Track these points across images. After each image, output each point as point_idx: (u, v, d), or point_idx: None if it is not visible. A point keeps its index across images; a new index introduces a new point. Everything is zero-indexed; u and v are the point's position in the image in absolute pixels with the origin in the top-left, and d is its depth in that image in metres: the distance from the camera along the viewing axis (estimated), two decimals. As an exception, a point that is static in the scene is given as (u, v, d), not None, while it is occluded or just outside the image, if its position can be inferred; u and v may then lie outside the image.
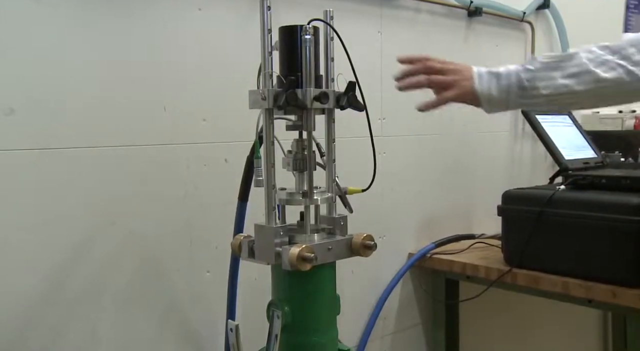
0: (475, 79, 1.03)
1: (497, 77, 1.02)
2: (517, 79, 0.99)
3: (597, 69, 0.94)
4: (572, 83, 0.95)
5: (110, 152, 1.25)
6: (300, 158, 1.04)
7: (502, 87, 1.00)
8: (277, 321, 0.98)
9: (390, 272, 1.84)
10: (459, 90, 1.06)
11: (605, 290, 1.46)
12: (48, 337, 1.18)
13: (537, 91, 0.97)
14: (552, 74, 0.96)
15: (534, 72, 0.98)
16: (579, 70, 0.95)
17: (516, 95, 0.99)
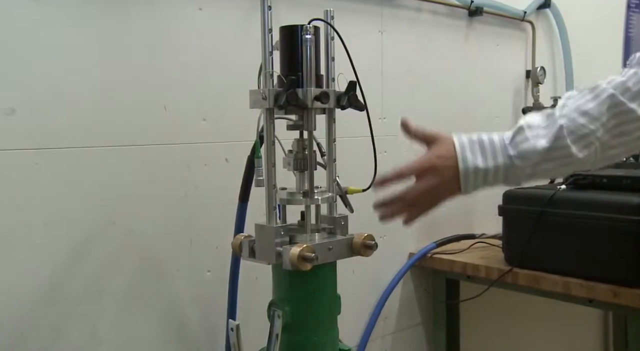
0: (462, 182, 0.93)
1: (484, 176, 0.92)
2: (504, 176, 0.92)
3: (575, 146, 0.89)
4: (552, 167, 0.91)
5: (111, 151, 1.25)
6: (301, 158, 1.04)
7: (487, 184, 0.94)
8: (277, 320, 0.98)
9: (390, 272, 1.83)
10: (441, 200, 0.97)
11: (606, 289, 1.46)
12: (48, 337, 1.18)
13: (519, 182, 0.94)
14: (536, 161, 0.91)
15: (521, 169, 0.91)
16: (560, 154, 0.90)
17: (500, 184, 0.95)
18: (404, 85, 1.84)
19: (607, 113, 0.88)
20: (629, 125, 0.88)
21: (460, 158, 0.92)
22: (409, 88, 1.86)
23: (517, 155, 0.91)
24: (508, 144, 0.92)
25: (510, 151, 0.91)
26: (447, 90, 1.97)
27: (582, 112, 0.89)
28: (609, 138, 0.89)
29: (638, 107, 0.87)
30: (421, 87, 1.89)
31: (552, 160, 0.90)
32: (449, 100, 1.98)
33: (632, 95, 0.87)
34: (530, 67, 2.25)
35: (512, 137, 0.92)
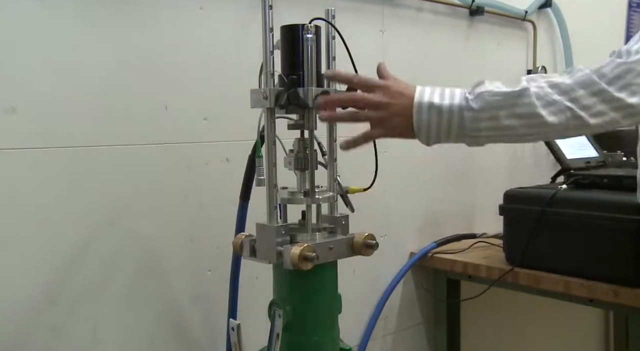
0: (414, 113, 0.90)
1: (438, 112, 0.89)
2: (459, 117, 0.89)
3: (544, 110, 0.86)
4: (516, 124, 0.87)
5: (111, 151, 1.25)
6: (302, 158, 1.04)
7: (443, 124, 0.90)
8: (278, 320, 0.98)
9: (391, 271, 1.83)
10: (392, 126, 0.94)
11: (606, 289, 1.46)
12: (49, 337, 1.18)
13: (478, 132, 0.89)
14: (496, 113, 0.87)
15: (477, 112, 0.87)
16: (526, 111, 0.86)
17: (456, 133, 0.90)
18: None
19: (580, 90, 0.86)
20: (609, 103, 0.86)
21: (418, 93, 0.92)
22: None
23: (474, 98, 0.88)
24: (467, 92, 0.91)
25: (467, 94, 0.90)
26: (448, 86, 1.97)
27: (553, 84, 0.87)
28: (584, 114, 0.86)
29: (615, 91, 0.85)
30: (422, 85, 1.89)
31: (517, 117, 0.87)
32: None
33: (608, 80, 0.86)
34: (532, 67, 2.25)
35: (472, 87, 0.91)
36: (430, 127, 0.90)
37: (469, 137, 0.91)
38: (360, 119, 0.96)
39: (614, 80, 0.86)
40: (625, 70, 0.86)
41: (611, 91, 0.85)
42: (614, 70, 0.86)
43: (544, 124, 0.87)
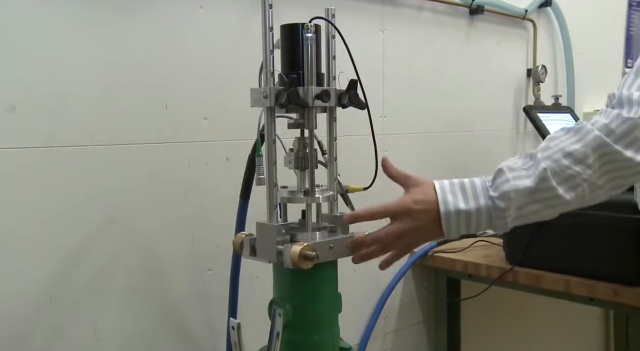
0: (444, 224, 0.90)
1: (467, 218, 0.90)
2: (487, 217, 0.90)
3: (561, 188, 0.87)
4: (540, 208, 0.89)
5: (112, 150, 1.25)
6: (302, 157, 1.04)
7: (472, 226, 0.91)
8: (278, 319, 0.98)
9: (391, 271, 1.83)
10: (420, 242, 0.96)
11: (607, 288, 1.46)
12: (50, 335, 1.18)
13: (505, 224, 0.91)
14: (520, 203, 0.89)
15: (504, 210, 0.89)
16: (546, 196, 0.88)
17: (484, 228, 0.92)
18: (405, 84, 1.84)
19: (592, 154, 0.87)
20: (615, 164, 0.87)
21: (442, 201, 0.91)
22: (410, 87, 1.86)
23: (499, 196, 0.89)
24: (489, 186, 0.91)
25: (492, 192, 0.90)
26: (448, 89, 1.97)
27: (567, 154, 0.88)
28: (596, 179, 0.88)
29: (623, 149, 0.86)
30: (422, 85, 1.89)
31: (538, 202, 0.89)
32: (450, 99, 1.98)
33: (616, 137, 0.86)
34: (532, 66, 2.25)
35: (493, 179, 0.91)
36: (459, 230, 0.92)
37: (497, 227, 0.92)
38: (391, 249, 0.98)
39: (622, 137, 0.86)
40: (632, 126, 0.86)
41: (621, 150, 0.86)
42: (621, 127, 0.86)
43: (564, 203, 0.89)
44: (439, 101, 1.94)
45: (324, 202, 1.07)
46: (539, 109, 2.01)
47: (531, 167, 0.89)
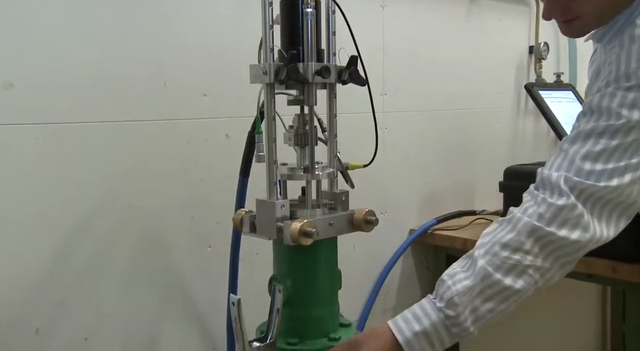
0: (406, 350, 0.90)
1: (426, 337, 0.90)
2: (446, 330, 0.89)
3: (508, 279, 0.88)
4: (494, 305, 0.89)
5: (110, 127, 1.24)
6: (302, 133, 1.04)
7: (436, 344, 0.90)
8: (278, 295, 0.98)
9: (391, 248, 1.84)
10: None
11: (605, 265, 1.46)
12: (52, 311, 1.19)
13: (467, 330, 0.90)
14: (473, 305, 0.89)
15: (456, 317, 0.89)
16: (495, 290, 0.88)
17: (450, 341, 0.92)
18: (405, 61, 1.83)
19: (527, 241, 0.88)
20: (554, 245, 0.89)
21: (396, 330, 0.91)
22: (410, 65, 1.85)
23: (446, 305, 0.89)
24: (434, 299, 0.92)
25: (438, 304, 0.90)
26: (449, 66, 1.96)
27: (503, 245, 0.89)
28: (541, 263, 0.89)
29: (556, 230, 0.87)
30: (423, 62, 1.88)
31: (490, 299, 0.89)
32: (451, 76, 1.97)
33: (547, 221, 0.88)
34: (534, 43, 2.23)
35: (435, 292, 0.92)
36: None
37: (463, 337, 0.92)
38: None
39: (552, 220, 0.88)
40: (558, 210, 0.87)
41: (554, 231, 0.88)
42: (549, 211, 0.88)
43: (516, 293, 0.89)
44: (439, 78, 1.93)
45: (324, 179, 1.07)
46: (540, 87, 2.00)
47: (470, 267, 0.91)
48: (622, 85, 0.87)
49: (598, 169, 0.87)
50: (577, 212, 0.87)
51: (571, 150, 0.90)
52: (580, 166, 0.88)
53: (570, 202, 0.87)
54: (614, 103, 0.87)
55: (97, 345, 1.25)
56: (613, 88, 0.88)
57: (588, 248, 0.91)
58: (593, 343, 2.75)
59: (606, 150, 0.87)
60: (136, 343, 1.31)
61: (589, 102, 0.92)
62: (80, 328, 1.23)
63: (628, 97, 0.86)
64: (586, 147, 0.89)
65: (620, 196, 0.88)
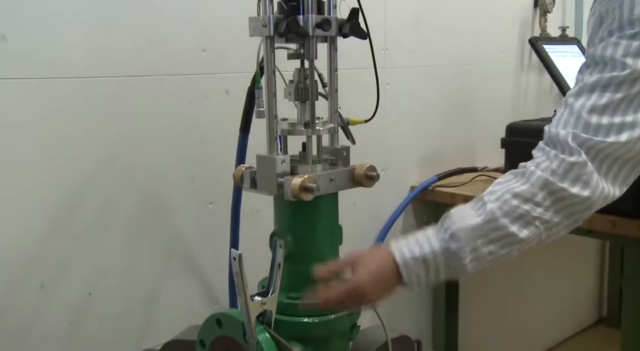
0: (403, 273, 0.91)
1: (425, 265, 0.90)
2: (444, 260, 0.90)
3: (514, 226, 0.88)
4: (496, 248, 0.89)
5: (107, 82, 1.23)
6: (302, 88, 1.03)
7: (431, 272, 0.91)
8: (279, 250, 0.99)
9: (392, 205, 1.85)
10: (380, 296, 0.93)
11: (605, 220, 1.47)
12: (56, 270, 1.20)
13: (464, 267, 0.89)
14: (475, 244, 0.88)
15: (457, 252, 0.89)
16: (499, 234, 0.88)
17: (445, 274, 0.91)
18: (407, 15, 1.79)
19: (540, 193, 0.87)
20: (565, 201, 0.88)
21: (396, 250, 0.92)
22: (412, 19, 1.81)
23: (449, 238, 0.90)
24: (438, 230, 0.92)
25: (442, 235, 0.91)
26: (452, 20, 1.92)
27: (514, 194, 0.88)
28: (550, 217, 0.88)
29: (568, 186, 0.86)
30: (425, 17, 1.84)
31: (493, 242, 0.89)
32: (454, 31, 1.93)
33: (560, 177, 0.87)
34: (539, -4, 2.18)
35: (440, 224, 0.92)
36: (420, 279, 0.92)
37: (458, 274, 0.93)
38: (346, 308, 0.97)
39: (565, 176, 0.87)
40: (570, 166, 0.86)
41: (566, 187, 0.87)
42: (561, 167, 0.87)
43: (520, 241, 0.89)
44: (442, 33, 1.89)
45: (325, 134, 1.06)
46: (545, 41, 1.97)
47: (479, 209, 0.91)
48: (625, 33, 0.85)
49: (605, 123, 0.86)
50: (588, 169, 0.86)
51: (577, 105, 0.88)
52: (587, 120, 0.86)
53: (581, 160, 0.86)
54: (617, 52, 0.85)
55: (100, 300, 1.26)
56: (616, 37, 0.85)
57: (597, 206, 0.90)
58: (590, 297, 2.80)
59: (612, 103, 0.85)
60: (139, 299, 1.33)
61: (591, 53, 0.90)
62: (84, 284, 1.24)
63: (632, 46, 0.84)
64: (591, 101, 0.87)
65: (630, 152, 0.87)
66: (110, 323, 1.28)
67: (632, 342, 1.51)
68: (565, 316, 2.64)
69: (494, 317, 2.24)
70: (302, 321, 0.98)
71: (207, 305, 1.44)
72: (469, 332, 2.08)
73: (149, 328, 1.34)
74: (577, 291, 2.70)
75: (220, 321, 0.98)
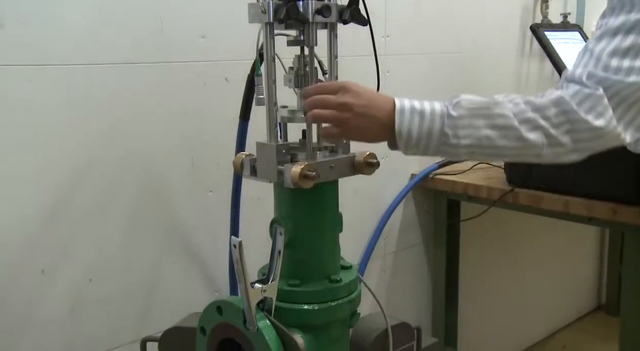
0: (397, 115, 0.89)
1: (421, 116, 0.89)
2: (440, 123, 0.88)
3: (521, 126, 0.87)
4: (495, 136, 0.87)
5: (105, 69, 1.22)
6: (302, 75, 1.02)
7: (424, 129, 0.89)
8: (279, 237, 0.99)
9: (392, 193, 1.85)
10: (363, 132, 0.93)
11: (606, 207, 1.47)
12: (55, 253, 1.20)
13: (458, 140, 0.88)
14: (476, 122, 0.88)
15: (457, 119, 0.88)
16: (504, 122, 0.87)
17: (437, 141, 0.89)
18: (408, 2, 1.78)
19: (552, 108, 0.86)
20: (574, 125, 0.86)
21: (397, 99, 0.91)
22: (413, 6, 1.80)
23: (453, 106, 0.89)
24: (446, 102, 0.91)
25: (447, 103, 0.91)
26: (453, 7, 1.91)
27: (526, 101, 0.88)
28: (556, 134, 0.87)
29: (583, 113, 0.85)
30: (425, 4, 1.83)
31: (494, 128, 0.88)
32: (454, 18, 1.92)
33: (576, 103, 0.86)
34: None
35: (450, 99, 0.92)
36: (411, 131, 0.90)
37: (449, 146, 0.90)
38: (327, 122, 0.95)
39: (581, 104, 0.86)
40: (588, 95, 0.85)
41: (579, 111, 0.85)
42: (579, 95, 0.86)
43: (521, 138, 0.88)
44: (443, 20, 1.88)
45: (325, 122, 1.05)
46: (546, 27, 1.95)
47: (489, 99, 0.90)
48: None
49: (626, 66, 0.83)
50: (604, 103, 0.85)
51: (597, 48, 0.86)
52: (607, 63, 0.84)
53: (598, 93, 0.84)
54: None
55: (101, 287, 1.27)
56: None
57: (606, 140, 0.88)
58: (590, 284, 2.81)
59: (636, 46, 0.83)
60: (139, 286, 1.33)
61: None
62: (84, 270, 1.24)
63: None
64: (613, 44, 0.84)
65: None
66: (111, 310, 1.28)
67: (630, 328, 1.52)
68: (565, 303, 2.65)
69: (494, 304, 2.25)
70: (303, 309, 0.98)
71: (208, 292, 1.44)
72: (468, 320, 2.09)
73: (149, 316, 1.34)
74: (577, 278, 2.71)
75: (221, 309, 0.99)
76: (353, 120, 0.92)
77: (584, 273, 2.75)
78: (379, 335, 1.16)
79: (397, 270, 1.91)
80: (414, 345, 1.24)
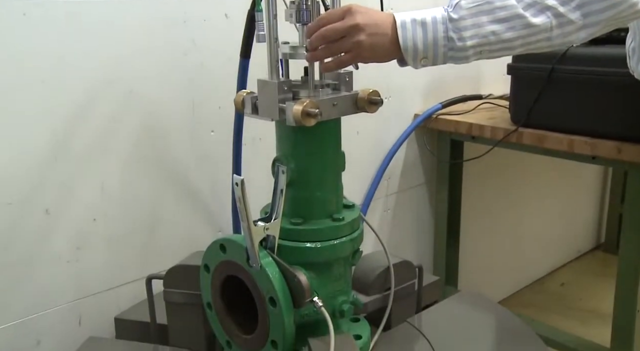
0: (399, 30, 0.88)
1: (422, 26, 0.87)
2: (444, 28, 0.87)
3: (526, 11, 0.84)
4: (500, 29, 0.85)
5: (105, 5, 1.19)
6: (304, 9, 0.99)
7: (429, 38, 0.87)
8: (282, 176, 0.98)
9: (395, 133, 1.83)
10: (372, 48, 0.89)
11: (610, 146, 1.46)
12: (59, 192, 1.20)
13: (464, 42, 0.86)
14: (478, 20, 0.85)
15: (459, 21, 0.86)
16: (507, 13, 0.85)
17: (444, 47, 0.87)
18: None
19: None
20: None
21: (397, 15, 0.89)
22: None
23: (453, 9, 0.87)
24: (445, 7, 0.90)
25: (446, 7, 0.89)
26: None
27: None
28: (565, 11, 0.84)
29: None
30: None
31: (500, 22, 0.85)
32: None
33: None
34: None
35: (449, 3, 0.89)
36: (416, 43, 0.88)
37: (456, 50, 0.88)
38: (338, 52, 0.92)
39: None
40: None
41: None
42: None
43: (528, 25, 0.85)
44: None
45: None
46: None
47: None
48: None
49: None
50: None
51: None
52: None
53: None
54: None
55: (105, 226, 1.28)
56: None
57: (620, 9, 0.86)
58: (590, 223, 2.83)
59: None
60: (143, 225, 1.34)
61: None
62: (88, 210, 1.25)
63: None
64: None
65: None
66: (115, 248, 1.30)
67: (628, 265, 1.54)
68: (565, 242, 2.69)
69: (495, 243, 2.28)
70: (305, 247, 0.99)
71: (211, 232, 1.45)
72: (469, 258, 2.12)
73: (153, 255, 1.36)
74: (578, 218, 2.74)
75: (224, 247, 0.99)
76: (367, 40, 0.89)
77: (585, 213, 2.77)
78: (381, 273, 1.18)
79: (400, 210, 1.92)
80: (416, 282, 1.26)
